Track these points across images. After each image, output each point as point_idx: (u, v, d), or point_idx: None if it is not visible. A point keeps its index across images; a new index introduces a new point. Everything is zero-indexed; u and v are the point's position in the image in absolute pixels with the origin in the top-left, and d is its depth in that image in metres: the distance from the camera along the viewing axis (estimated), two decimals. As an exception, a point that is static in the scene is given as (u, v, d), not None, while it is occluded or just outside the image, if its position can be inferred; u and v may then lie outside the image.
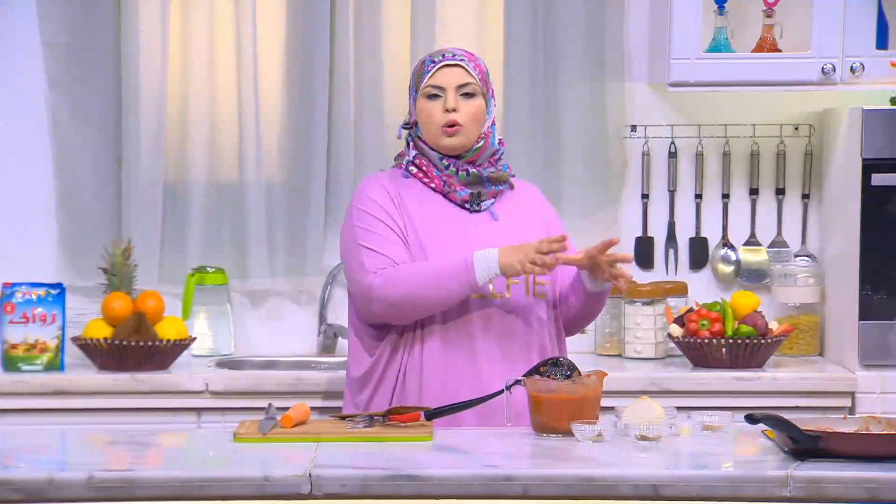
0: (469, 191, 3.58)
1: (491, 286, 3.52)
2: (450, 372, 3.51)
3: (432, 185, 3.59)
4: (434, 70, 3.58)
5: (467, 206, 3.59)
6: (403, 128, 3.66)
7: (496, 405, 3.35)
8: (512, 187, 3.67)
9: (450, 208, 3.59)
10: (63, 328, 4.29)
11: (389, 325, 3.55)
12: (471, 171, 3.58)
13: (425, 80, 3.59)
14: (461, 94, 3.57)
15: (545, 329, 3.59)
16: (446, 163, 3.58)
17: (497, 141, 3.64)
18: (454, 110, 3.56)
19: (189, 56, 4.62)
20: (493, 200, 3.61)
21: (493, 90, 3.64)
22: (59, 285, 4.32)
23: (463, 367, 3.50)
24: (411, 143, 3.64)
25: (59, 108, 4.61)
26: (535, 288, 3.57)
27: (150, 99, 4.58)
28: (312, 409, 3.37)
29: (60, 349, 4.28)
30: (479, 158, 3.60)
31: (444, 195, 3.59)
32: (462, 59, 3.60)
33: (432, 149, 3.60)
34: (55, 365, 4.27)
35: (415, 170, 3.61)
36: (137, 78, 4.57)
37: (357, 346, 3.61)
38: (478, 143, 3.60)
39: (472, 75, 3.59)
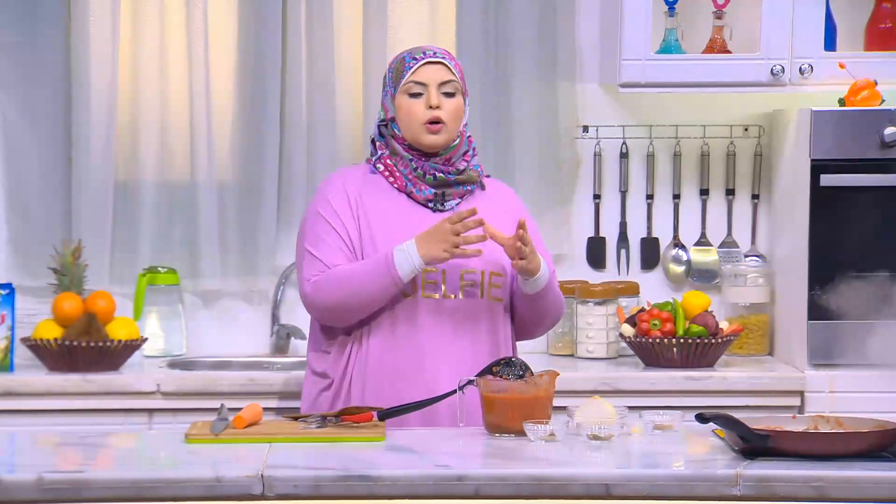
0: (433, 190, 3.54)
1: (444, 287, 3.51)
2: (395, 371, 3.48)
3: (396, 184, 3.56)
4: (416, 67, 3.54)
5: (431, 205, 3.56)
6: (378, 125, 3.60)
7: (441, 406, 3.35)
8: (483, 188, 3.63)
9: (412, 208, 3.55)
10: (12, 328, 4.26)
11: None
12: (437, 175, 3.54)
13: (407, 77, 3.53)
14: (442, 93, 3.54)
15: (498, 332, 3.56)
16: (415, 165, 3.54)
17: (467, 139, 3.60)
18: (437, 107, 3.52)
19: (140, 55, 4.60)
20: (458, 200, 3.57)
21: (467, 90, 3.62)
22: (8, 285, 4.29)
23: (408, 367, 3.48)
24: (380, 142, 3.59)
25: (8, 108, 4.58)
26: (490, 290, 3.54)
27: (100, 98, 4.56)
28: (265, 409, 3.36)
29: (10, 350, 4.25)
30: (454, 156, 3.56)
31: (408, 195, 3.55)
32: (443, 58, 3.56)
33: (406, 148, 3.55)
34: (4, 366, 4.24)
35: (381, 167, 3.58)
36: (87, 77, 4.54)
37: (311, 342, 3.60)
38: (455, 140, 3.57)
39: (454, 73, 3.56)
